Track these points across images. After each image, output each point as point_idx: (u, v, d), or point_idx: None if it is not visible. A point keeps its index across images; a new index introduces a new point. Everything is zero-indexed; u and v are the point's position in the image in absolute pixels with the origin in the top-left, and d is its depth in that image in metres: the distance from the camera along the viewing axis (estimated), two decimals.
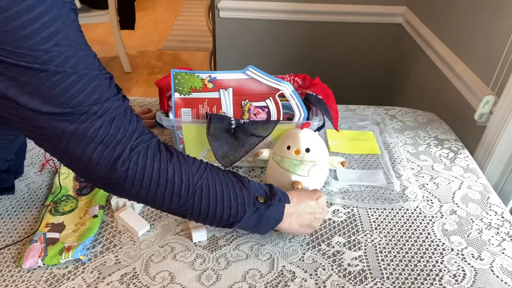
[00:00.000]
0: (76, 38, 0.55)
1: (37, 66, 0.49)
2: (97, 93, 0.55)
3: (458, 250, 0.75)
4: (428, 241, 0.77)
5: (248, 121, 0.85)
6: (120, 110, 0.58)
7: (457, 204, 0.86)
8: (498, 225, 0.81)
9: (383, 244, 0.76)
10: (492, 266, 0.72)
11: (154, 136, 0.63)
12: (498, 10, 1.04)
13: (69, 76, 0.52)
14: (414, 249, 0.76)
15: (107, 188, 0.62)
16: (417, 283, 0.69)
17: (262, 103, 0.87)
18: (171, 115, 0.88)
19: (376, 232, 0.79)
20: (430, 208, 0.85)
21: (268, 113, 0.88)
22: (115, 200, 0.80)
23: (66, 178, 0.87)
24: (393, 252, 0.75)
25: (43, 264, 0.69)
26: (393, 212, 0.84)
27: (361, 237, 0.78)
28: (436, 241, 0.77)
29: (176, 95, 0.86)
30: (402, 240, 0.77)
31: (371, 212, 0.84)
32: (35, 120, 0.53)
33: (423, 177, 0.94)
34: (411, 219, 0.82)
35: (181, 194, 0.62)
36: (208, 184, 0.64)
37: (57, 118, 0.53)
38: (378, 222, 0.81)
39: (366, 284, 0.69)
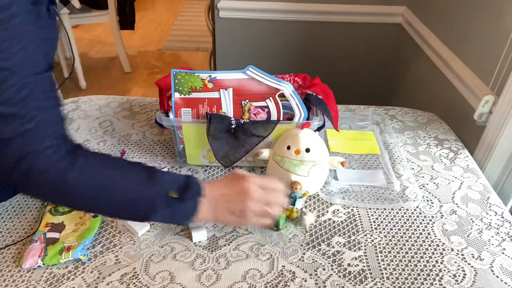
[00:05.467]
0: None
1: None
2: None
3: (458, 250, 0.75)
4: (428, 241, 0.77)
5: (248, 121, 0.85)
6: None
7: (457, 204, 0.86)
8: (498, 225, 0.81)
9: (383, 244, 0.76)
10: (492, 266, 0.72)
11: (65, 141, 0.64)
12: (497, 10, 1.04)
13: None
14: (414, 249, 0.76)
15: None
16: (417, 283, 0.69)
17: (262, 103, 0.87)
18: (171, 115, 0.88)
19: (376, 232, 0.79)
20: (430, 208, 0.85)
21: (268, 113, 0.88)
22: None
23: None
24: (393, 252, 0.75)
25: (43, 264, 0.69)
26: (393, 212, 0.84)
27: (361, 237, 0.78)
28: (436, 241, 0.77)
29: (176, 95, 0.86)
30: (402, 240, 0.77)
31: (371, 212, 0.84)
32: None
33: (423, 177, 0.94)
34: (411, 219, 0.82)
35: (88, 195, 0.63)
36: (115, 185, 0.64)
37: None
38: (378, 222, 0.81)
39: (366, 284, 0.69)
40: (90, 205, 0.66)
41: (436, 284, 0.69)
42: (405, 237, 0.78)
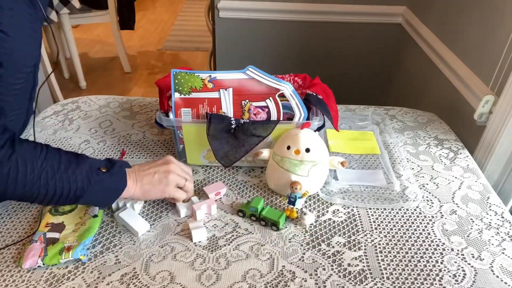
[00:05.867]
0: None
1: None
2: None
3: (458, 250, 0.75)
4: (428, 241, 0.77)
5: (248, 121, 0.85)
6: None
7: (457, 204, 0.86)
8: (498, 225, 0.81)
9: (383, 244, 0.76)
10: (492, 266, 0.72)
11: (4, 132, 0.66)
12: (497, 10, 1.04)
13: None
14: (414, 249, 0.76)
15: None
16: (417, 283, 0.69)
17: (262, 103, 0.87)
18: (171, 115, 0.88)
19: (376, 232, 0.79)
20: (430, 208, 0.85)
21: (268, 113, 0.88)
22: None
23: None
24: (393, 252, 0.75)
25: (43, 264, 0.69)
26: (393, 212, 0.84)
27: (361, 237, 0.78)
28: (436, 241, 0.77)
29: (176, 95, 0.86)
30: (402, 240, 0.77)
31: (371, 212, 0.84)
32: None
33: (423, 177, 0.94)
34: (411, 219, 0.82)
35: (26, 179, 0.65)
36: (52, 165, 0.67)
37: None
38: (378, 222, 0.81)
39: (366, 284, 0.69)
40: (28, 192, 0.67)
41: (436, 284, 0.69)
42: (405, 237, 0.78)
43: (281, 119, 0.87)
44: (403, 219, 0.82)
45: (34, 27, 0.70)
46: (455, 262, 0.73)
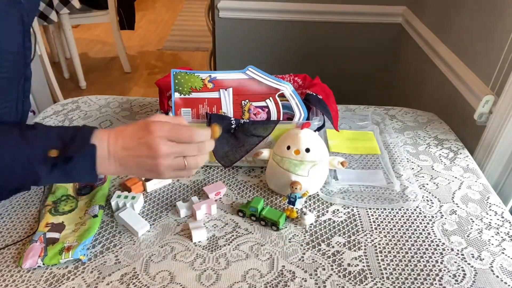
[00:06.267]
0: None
1: None
2: None
3: (458, 250, 0.75)
4: (428, 241, 0.77)
5: (248, 121, 0.85)
6: None
7: (457, 204, 0.86)
8: (498, 225, 0.81)
9: (383, 244, 0.76)
10: (492, 266, 0.72)
11: None
12: (497, 9, 1.04)
13: None
14: (414, 249, 0.76)
15: None
16: (417, 283, 0.69)
17: (262, 103, 0.87)
18: (171, 115, 0.88)
19: (376, 232, 0.79)
20: (430, 208, 0.85)
21: (268, 113, 0.88)
22: (115, 200, 0.80)
23: None
24: (393, 252, 0.75)
25: (43, 264, 0.69)
26: (393, 212, 0.84)
27: (361, 237, 0.78)
28: (436, 241, 0.77)
29: (176, 95, 0.86)
30: (402, 240, 0.77)
31: (371, 212, 0.84)
32: None
33: (423, 177, 0.94)
34: (411, 219, 0.82)
35: None
36: None
37: None
38: (378, 222, 0.81)
39: (366, 284, 0.69)
40: None
41: (436, 284, 0.69)
42: (405, 237, 0.78)
43: (281, 119, 0.88)
44: (403, 219, 0.82)
45: (9, 10, 0.65)
46: (455, 262, 0.73)
